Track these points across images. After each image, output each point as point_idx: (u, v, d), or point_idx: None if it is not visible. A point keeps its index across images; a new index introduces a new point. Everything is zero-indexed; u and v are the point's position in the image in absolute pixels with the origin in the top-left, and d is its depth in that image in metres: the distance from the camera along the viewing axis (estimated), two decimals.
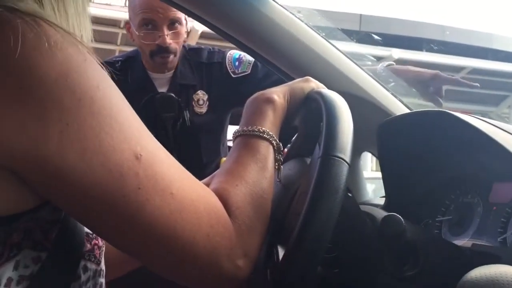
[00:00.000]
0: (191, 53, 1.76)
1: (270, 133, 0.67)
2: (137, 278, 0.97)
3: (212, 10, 1.13)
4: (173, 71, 1.73)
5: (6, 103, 0.43)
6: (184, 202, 0.51)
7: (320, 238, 0.56)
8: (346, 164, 0.59)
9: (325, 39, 1.15)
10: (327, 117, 0.65)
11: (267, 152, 0.65)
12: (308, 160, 0.78)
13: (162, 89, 1.73)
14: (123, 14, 4.97)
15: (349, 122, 0.64)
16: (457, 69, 10.64)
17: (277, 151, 0.68)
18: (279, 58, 1.14)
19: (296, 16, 1.15)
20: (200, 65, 1.75)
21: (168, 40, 1.63)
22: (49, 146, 0.44)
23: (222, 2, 1.12)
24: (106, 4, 6.93)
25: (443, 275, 0.70)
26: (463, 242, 0.88)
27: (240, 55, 1.74)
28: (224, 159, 1.77)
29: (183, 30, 1.67)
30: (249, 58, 1.73)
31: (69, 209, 0.50)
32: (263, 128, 0.67)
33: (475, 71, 10.60)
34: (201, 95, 1.72)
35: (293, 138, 0.86)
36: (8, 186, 0.47)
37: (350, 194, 0.71)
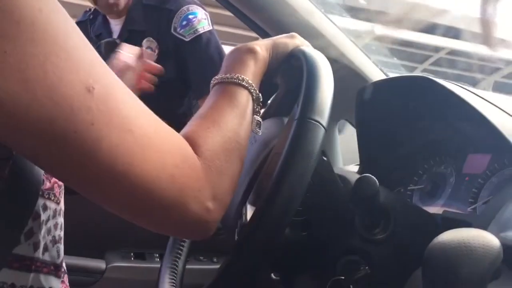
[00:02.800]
0: None
1: (250, 81, 0.64)
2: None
3: None
4: (125, 16, 1.66)
5: None
6: (145, 139, 0.48)
7: (289, 201, 0.55)
8: (323, 128, 0.58)
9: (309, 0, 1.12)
10: (308, 77, 0.64)
11: (246, 100, 0.63)
12: (286, 120, 0.76)
13: (116, 35, 1.68)
14: None
15: (329, 85, 0.63)
16: (436, 49, 10.71)
17: (256, 101, 0.65)
18: (259, 14, 1.11)
19: None
20: (152, 9, 1.65)
21: None
22: None
23: None
24: None
25: (412, 239, 0.71)
26: (433, 210, 0.89)
27: (194, 16, 1.63)
28: None
29: None
30: (199, 26, 1.62)
31: (18, 147, 0.46)
32: (243, 76, 0.64)
33: (454, 52, 10.69)
34: (150, 43, 1.64)
35: (273, 96, 0.84)
36: None
37: (325, 158, 0.70)
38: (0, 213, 0.50)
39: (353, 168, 1.21)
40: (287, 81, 0.80)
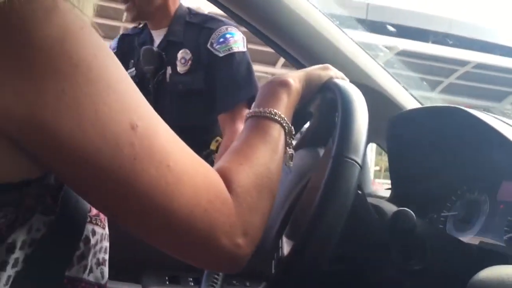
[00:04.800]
0: (192, 15, 1.79)
1: (282, 115, 0.65)
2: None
3: None
4: (167, 28, 1.77)
5: (2, 70, 0.43)
6: (181, 175, 0.51)
7: (327, 238, 0.57)
8: (358, 166, 0.59)
9: (339, 27, 1.14)
10: (343, 113, 0.65)
11: (277, 134, 0.64)
12: (321, 151, 0.78)
13: (156, 45, 1.79)
14: None
15: (364, 122, 0.64)
16: (462, 63, 10.59)
17: (288, 134, 0.66)
18: (293, 45, 1.14)
19: (310, 3, 1.14)
20: (194, 26, 1.76)
21: None
22: (46, 113, 0.44)
23: None
24: None
25: (449, 271, 0.71)
26: (468, 238, 0.89)
27: (231, 36, 1.72)
28: (218, 138, 1.75)
29: None
30: (234, 45, 1.71)
31: (66, 178, 0.50)
32: (275, 110, 0.66)
33: (480, 65, 10.55)
34: (185, 54, 1.73)
35: (306, 125, 0.86)
36: (15, 154, 0.47)
37: (360, 192, 0.71)
38: (55, 238, 0.53)
39: (384, 192, 1.21)
40: (321, 112, 0.82)
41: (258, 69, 1.72)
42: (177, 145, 0.53)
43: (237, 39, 1.72)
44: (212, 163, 0.58)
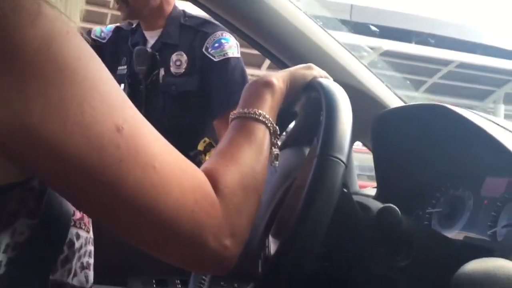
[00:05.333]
0: (187, 18, 1.79)
1: (267, 116, 0.66)
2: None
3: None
4: (161, 29, 1.77)
5: None
6: (168, 176, 0.51)
7: (313, 236, 0.57)
8: (343, 164, 0.60)
9: (323, 28, 1.15)
10: (327, 112, 0.65)
11: (262, 135, 0.65)
12: (306, 150, 0.78)
13: (150, 46, 1.79)
14: None
15: (348, 120, 0.64)
16: (445, 62, 10.71)
17: (273, 134, 0.67)
18: (276, 45, 1.14)
19: (294, 5, 1.15)
20: (189, 28, 1.77)
21: None
22: (32, 117, 0.44)
23: None
24: None
25: (435, 266, 0.72)
26: (452, 234, 0.90)
27: (226, 41, 1.73)
28: (206, 139, 1.75)
29: None
30: (229, 51, 1.72)
31: (50, 181, 0.50)
32: (260, 111, 0.66)
33: (463, 65, 10.69)
34: (180, 56, 1.73)
35: (290, 124, 0.86)
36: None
37: (345, 190, 0.71)
38: (39, 242, 0.53)
39: (370, 191, 1.22)
40: (305, 111, 0.82)
41: None
42: (163, 146, 0.53)
43: (232, 45, 1.73)
44: (199, 164, 0.58)
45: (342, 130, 0.63)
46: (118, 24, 1.94)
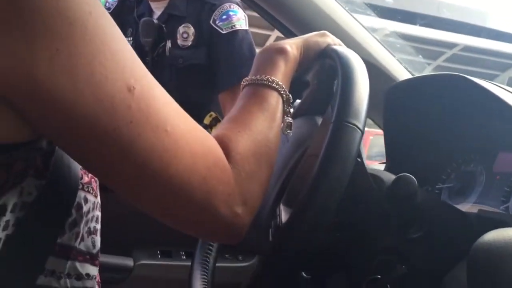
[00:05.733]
0: None
1: (280, 83, 0.64)
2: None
3: None
4: (167, 0, 1.74)
5: None
6: (179, 141, 0.49)
7: (326, 205, 0.55)
8: (360, 131, 0.58)
9: None
10: (343, 78, 0.63)
11: (275, 102, 0.63)
12: (319, 120, 0.76)
13: (156, 17, 1.75)
14: None
15: (365, 87, 0.62)
16: (450, 45, 10.62)
17: (286, 102, 0.65)
18: (286, 14, 1.11)
19: None
20: (196, 0, 1.73)
21: None
22: (39, 72, 0.42)
23: None
24: None
25: (448, 238, 0.71)
26: (465, 208, 0.88)
27: (234, 14, 1.70)
28: (212, 113, 1.74)
29: None
30: (237, 23, 1.69)
31: (60, 141, 0.48)
32: (273, 78, 0.64)
33: (468, 48, 10.60)
34: (187, 29, 1.71)
35: (304, 93, 0.84)
36: (6, 115, 0.45)
37: (359, 159, 0.69)
38: (47, 203, 0.52)
39: (378, 166, 1.20)
40: (319, 80, 0.80)
41: (254, 32, 1.74)
42: (175, 110, 0.51)
43: (240, 17, 1.70)
44: None
45: (359, 96, 0.61)
46: None
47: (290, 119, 0.66)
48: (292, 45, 0.70)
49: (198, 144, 0.52)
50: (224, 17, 1.68)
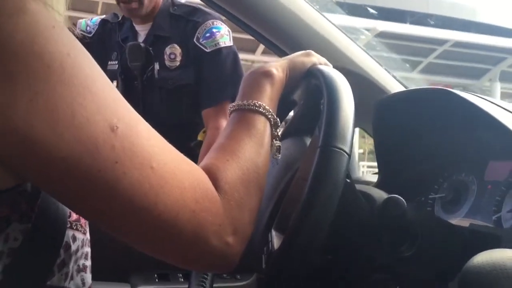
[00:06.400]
0: (175, 8, 1.75)
1: (266, 107, 0.64)
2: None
3: None
4: (151, 22, 1.73)
5: None
6: (166, 176, 0.49)
7: (317, 229, 0.56)
8: (346, 155, 0.58)
9: (319, 12, 1.12)
10: (328, 101, 0.63)
11: (263, 127, 0.63)
12: (307, 140, 0.76)
13: (142, 40, 1.75)
14: None
15: (350, 109, 0.62)
16: (441, 42, 10.67)
17: (274, 126, 0.65)
18: (271, 30, 1.12)
19: None
20: (180, 18, 1.73)
21: None
22: (17, 116, 0.42)
23: None
24: None
25: (440, 255, 0.71)
26: (456, 220, 0.88)
27: (217, 31, 1.70)
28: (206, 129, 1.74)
29: None
30: (221, 40, 1.69)
31: (43, 185, 0.48)
32: (260, 102, 0.64)
33: (458, 44, 10.64)
34: (174, 49, 1.71)
35: (291, 112, 0.84)
36: None
37: (348, 180, 0.69)
38: (34, 246, 0.51)
39: (371, 177, 1.21)
40: (305, 100, 0.80)
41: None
42: (160, 145, 0.51)
43: (224, 33, 1.70)
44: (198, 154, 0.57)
45: (344, 120, 0.61)
46: (103, 17, 1.89)
47: (278, 143, 0.66)
48: (277, 68, 0.70)
49: (186, 177, 0.51)
50: (207, 34, 1.68)
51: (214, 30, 1.69)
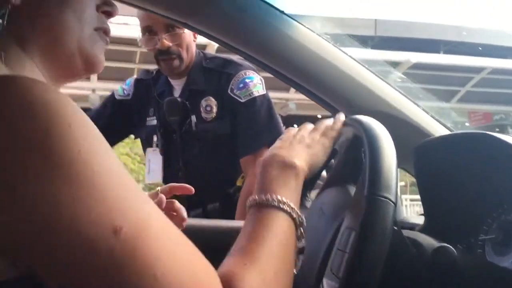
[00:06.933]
0: (208, 61, 1.82)
1: (291, 204, 0.60)
2: None
3: (233, 34, 1.13)
4: (186, 76, 1.79)
5: None
6: (172, 286, 0.44)
7: (368, 278, 0.57)
8: (392, 203, 0.59)
9: (354, 59, 1.14)
10: (370, 150, 0.65)
11: (287, 227, 0.59)
12: (351, 189, 0.77)
13: (178, 94, 1.81)
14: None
15: (392, 156, 0.64)
16: (477, 70, 10.50)
17: (298, 226, 0.61)
18: (306, 79, 1.14)
19: (323, 38, 1.16)
20: (212, 71, 1.79)
21: (167, 43, 1.69)
22: (17, 216, 0.41)
23: (244, 25, 1.12)
24: (124, 24, 7.05)
25: None
26: (508, 262, 0.86)
27: (250, 80, 1.75)
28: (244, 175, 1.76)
29: (184, 33, 1.71)
30: (254, 89, 1.74)
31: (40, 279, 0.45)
32: (283, 198, 0.60)
33: (496, 71, 10.45)
34: (209, 101, 1.76)
35: (332, 161, 0.86)
36: None
37: (395, 228, 0.70)
38: None
39: (418, 219, 1.19)
40: (346, 148, 0.82)
41: (272, 95, 1.78)
42: (172, 247, 0.46)
43: (256, 83, 1.76)
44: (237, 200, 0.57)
45: (387, 168, 0.62)
46: (136, 77, 1.97)
47: (302, 244, 0.63)
48: (300, 160, 0.67)
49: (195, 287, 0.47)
50: (241, 85, 1.74)
51: (247, 80, 1.75)
